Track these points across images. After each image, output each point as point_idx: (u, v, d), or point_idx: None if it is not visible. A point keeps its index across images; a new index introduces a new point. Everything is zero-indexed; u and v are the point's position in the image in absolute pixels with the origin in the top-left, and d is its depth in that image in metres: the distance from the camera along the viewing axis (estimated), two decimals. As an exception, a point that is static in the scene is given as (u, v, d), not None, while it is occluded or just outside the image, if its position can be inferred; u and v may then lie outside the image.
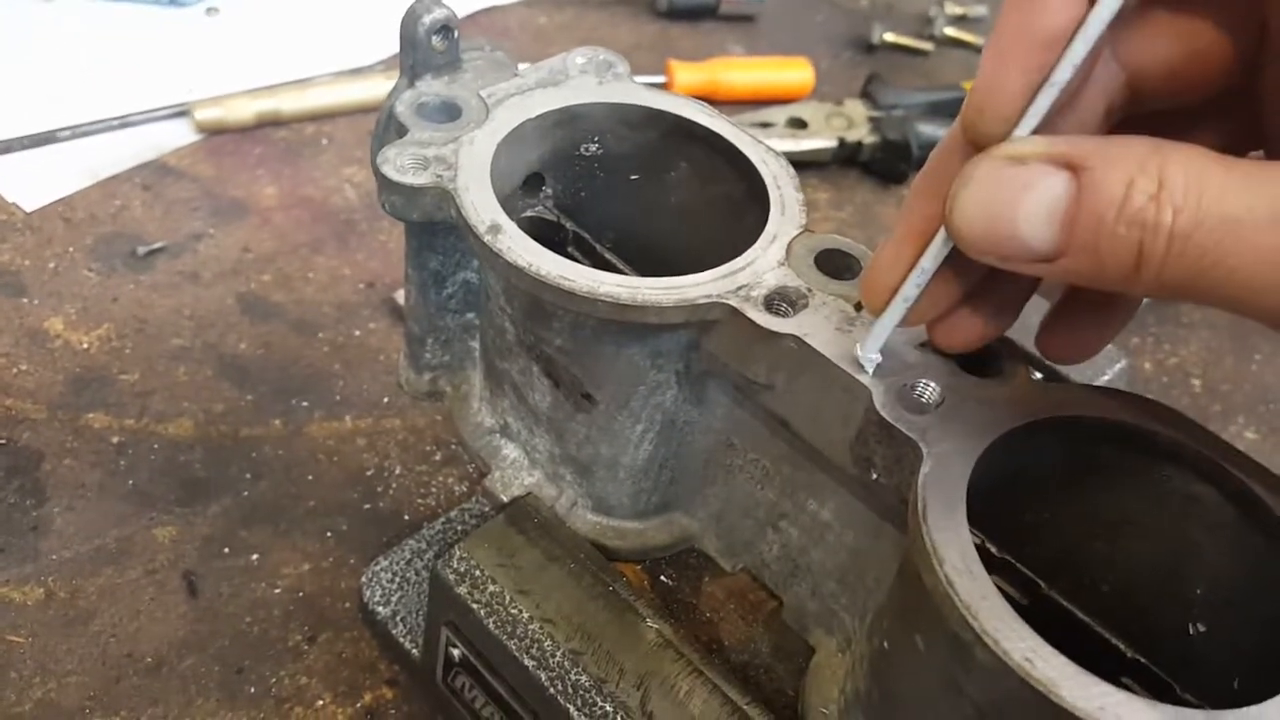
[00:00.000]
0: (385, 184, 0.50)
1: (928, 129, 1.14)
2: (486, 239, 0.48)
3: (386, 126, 0.56)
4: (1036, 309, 0.47)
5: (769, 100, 1.21)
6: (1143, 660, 0.44)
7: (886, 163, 1.14)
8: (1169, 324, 1.03)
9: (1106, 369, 0.77)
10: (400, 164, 0.50)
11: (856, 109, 1.17)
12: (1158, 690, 0.44)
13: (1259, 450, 0.93)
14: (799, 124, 1.15)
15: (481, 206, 0.49)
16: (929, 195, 0.41)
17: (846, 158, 1.15)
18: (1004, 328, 0.44)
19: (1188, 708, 0.35)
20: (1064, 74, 0.35)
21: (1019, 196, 0.35)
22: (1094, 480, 0.46)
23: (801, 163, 1.13)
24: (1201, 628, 0.46)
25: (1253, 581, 0.43)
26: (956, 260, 0.39)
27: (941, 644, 0.40)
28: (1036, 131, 0.36)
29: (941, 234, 0.39)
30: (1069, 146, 0.34)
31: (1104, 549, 0.48)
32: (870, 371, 0.45)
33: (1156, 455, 0.44)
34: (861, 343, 0.45)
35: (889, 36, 1.34)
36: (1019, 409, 0.43)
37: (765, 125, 1.15)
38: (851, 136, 1.14)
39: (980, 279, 0.42)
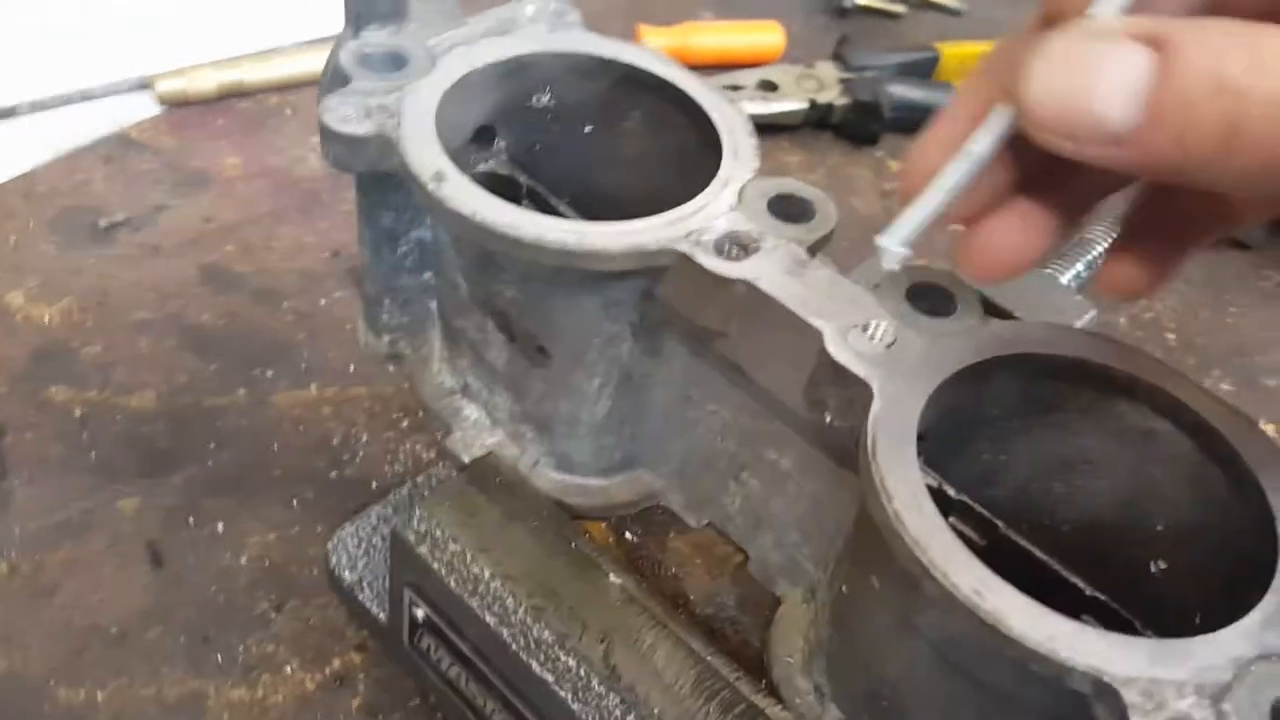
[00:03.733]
0: (327, 134, 0.49)
1: (899, 90, 1.13)
2: (430, 187, 0.47)
3: (332, 79, 0.55)
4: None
5: (739, 64, 1.19)
6: (1102, 597, 0.43)
7: (858, 124, 1.13)
8: (1143, 279, 1.02)
9: (1075, 320, 0.77)
10: (343, 113, 0.49)
11: (827, 71, 1.16)
12: (1119, 628, 0.44)
13: (1234, 403, 0.92)
14: (769, 86, 1.14)
15: (425, 155, 0.48)
16: (993, 79, 0.38)
17: (818, 120, 1.14)
18: (1042, 252, 0.40)
19: (1141, 638, 0.35)
20: None
21: (1099, 70, 0.32)
22: (1050, 419, 0.46)
23: (772, 125, 1.12)
24: (1163, 565, 0.46)
25: (1210, 515, 0.43)
26: (1006, 155, 0.36)
27: (894, 581, 0.39)
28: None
29: (995, 115, 0.36)
30: (1155, 24, 0.32)
31: (1063, 488, 0.47)
32: (895, 266, 0.38)
33: (1112, 391, 0.43)
34: (886, 230, 0.38)
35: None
36: (971, 347, 0.43)
37: (735, 88, 1.13)
38: (822, 98, 1.13)
39: (1026, 185, 0.39)
